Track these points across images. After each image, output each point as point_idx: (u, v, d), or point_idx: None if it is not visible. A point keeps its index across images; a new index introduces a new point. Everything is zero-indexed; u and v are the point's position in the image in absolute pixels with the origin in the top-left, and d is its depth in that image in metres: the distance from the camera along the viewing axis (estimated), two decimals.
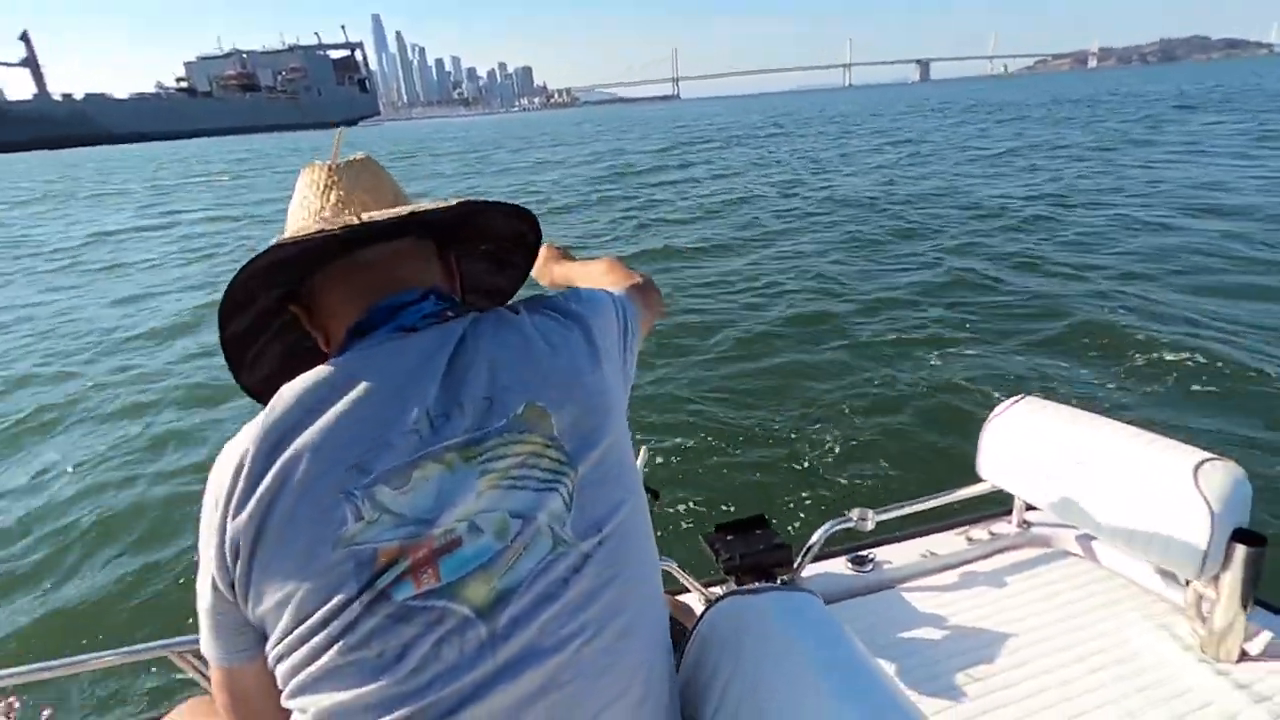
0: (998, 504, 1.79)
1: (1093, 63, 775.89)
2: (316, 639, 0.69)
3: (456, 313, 0.82)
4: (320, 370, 0.74)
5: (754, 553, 1.54)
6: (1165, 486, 1.30)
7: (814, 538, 1.57)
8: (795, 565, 1.59)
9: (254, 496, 0.69)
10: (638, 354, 0.93)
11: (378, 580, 0.67)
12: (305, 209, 0.86)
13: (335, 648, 0.68)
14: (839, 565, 1.68)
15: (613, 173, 19.97)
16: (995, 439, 1.62)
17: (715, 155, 23.13)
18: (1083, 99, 44.04)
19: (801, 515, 3.28)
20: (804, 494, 3.45)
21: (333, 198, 0.85)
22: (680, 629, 0.96)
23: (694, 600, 1.56)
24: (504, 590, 0.69)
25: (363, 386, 0.72)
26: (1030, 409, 1.59)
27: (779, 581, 1.56)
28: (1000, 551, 1.74)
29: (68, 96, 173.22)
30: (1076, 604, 1.53)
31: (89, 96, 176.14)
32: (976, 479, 1.68)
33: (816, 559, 1.63)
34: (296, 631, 0.69)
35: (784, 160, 19.92)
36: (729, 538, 1.59)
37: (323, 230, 0.74)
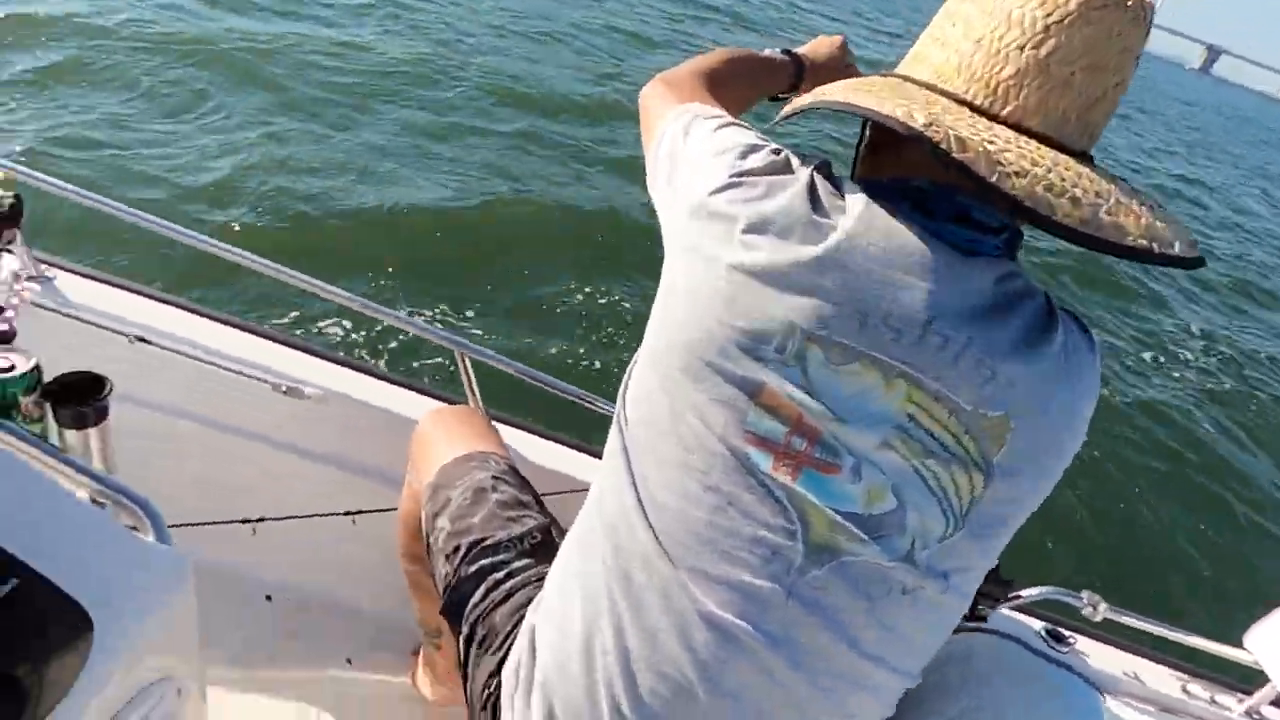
0: (1238, 673, 1.54)
1: None
2: (659, 419, 0.68)
3: (1013, 272, 0.67)
4: (891, 206, 0.64)
5: None
6: None
7: (1029, 590, 1.42)
8: (995, 603, 1.48)
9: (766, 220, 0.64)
10: None
11: (748, 416, 0.64)
12: (994, 38, 0.63)
13: (675, 432, 0.67)
14: (1033, 623, 1.55)
15: None
16: None
17: None
18: None
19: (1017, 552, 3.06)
20: (1032, 533, 3.22)
21: (1045, 50, 0.61)
22: None
23: None
24: (832, 546, 0.65)
25: (894, 252, 0.62)
26: None
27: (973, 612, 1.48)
28: None
29: None
30: None
31: None
32: (1232, 636, 1.43)
33: (1014, 609, 1.51)
34: (663, 361, 0.68)
35: None
36: None
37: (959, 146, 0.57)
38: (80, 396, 0.92)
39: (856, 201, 0.65)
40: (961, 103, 0.64)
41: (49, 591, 0.57)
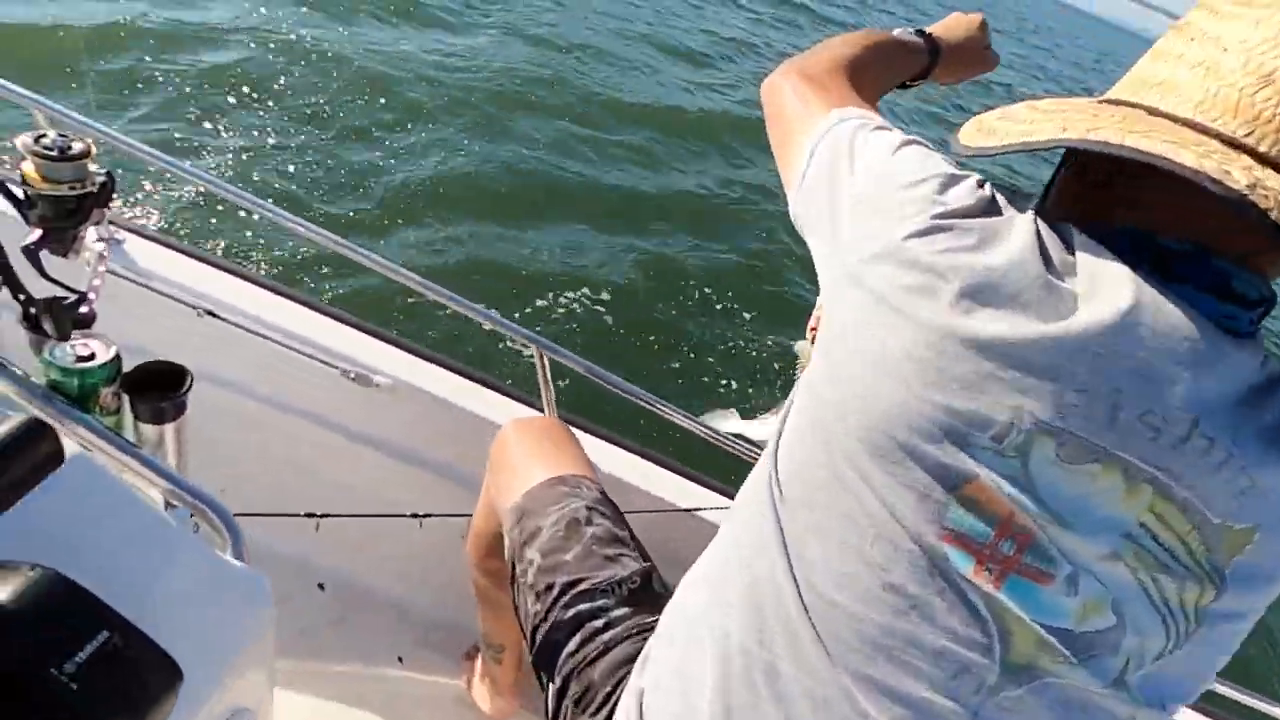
0: None
1: None
2: (827, 488, 0.58)
3: (1267, 353, 0.57)
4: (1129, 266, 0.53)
5: None
6: None
7: None
8: None
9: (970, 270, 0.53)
10: None
11: (949, 511, 0.54)
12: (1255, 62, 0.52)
13: (848, 514, 0.57)
14: None
15: None
16: None
17: None
18: None
19: None
20: None
21: None
22: None
23: None
24: (1034, 666, 0.55)
25: (1161, 334, 0.51)
26: None
27: None
28: None
29: None
30: None
31: None
32: None
33: None
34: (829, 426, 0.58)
35: None
36: None
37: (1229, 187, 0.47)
38: (159, 387, 0.86)
39: (1100, 263, 0.54)
40: (1237, 147, 0.52)
41: (140, 643, 0.51)
